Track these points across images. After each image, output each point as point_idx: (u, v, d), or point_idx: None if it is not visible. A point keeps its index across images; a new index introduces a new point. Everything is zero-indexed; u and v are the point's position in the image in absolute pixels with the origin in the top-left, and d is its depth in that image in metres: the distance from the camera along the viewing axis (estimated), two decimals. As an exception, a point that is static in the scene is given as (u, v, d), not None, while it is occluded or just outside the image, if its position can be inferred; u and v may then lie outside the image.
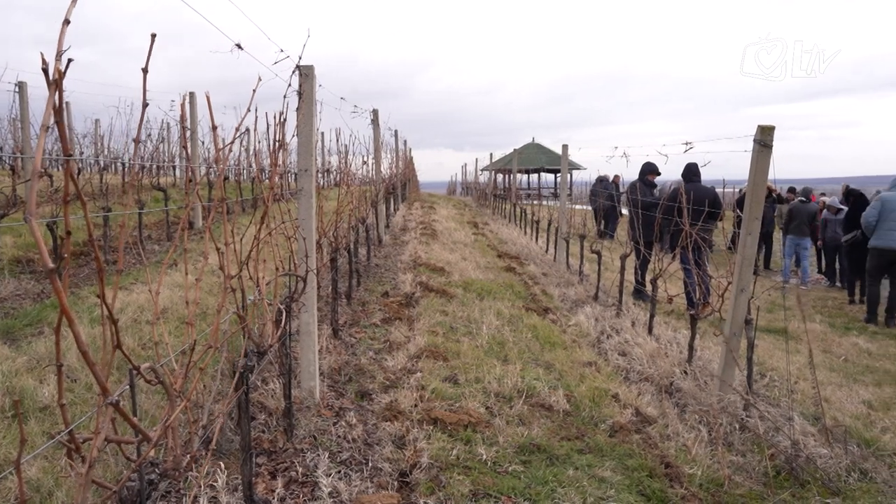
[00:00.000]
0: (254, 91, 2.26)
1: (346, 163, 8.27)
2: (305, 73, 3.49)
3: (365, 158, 9.92)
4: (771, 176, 4.65)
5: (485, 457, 3.42)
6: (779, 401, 5.10)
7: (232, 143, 2.27)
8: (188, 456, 1.75)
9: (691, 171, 8.61)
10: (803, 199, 13.39)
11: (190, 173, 8.49)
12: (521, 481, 3.25)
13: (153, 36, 1.45)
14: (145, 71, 1.46)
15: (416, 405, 3.96)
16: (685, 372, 5.28)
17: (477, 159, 29.99)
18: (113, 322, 1.24)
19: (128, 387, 1.45)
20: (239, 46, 2.37)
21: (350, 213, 6.32)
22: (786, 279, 12.92)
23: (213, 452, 2.96)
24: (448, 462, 3.32)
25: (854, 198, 11.52)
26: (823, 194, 17.82)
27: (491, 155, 29.19)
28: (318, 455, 3.18)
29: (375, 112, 10.35)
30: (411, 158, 24.90)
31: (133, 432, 1.38)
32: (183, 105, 3.23)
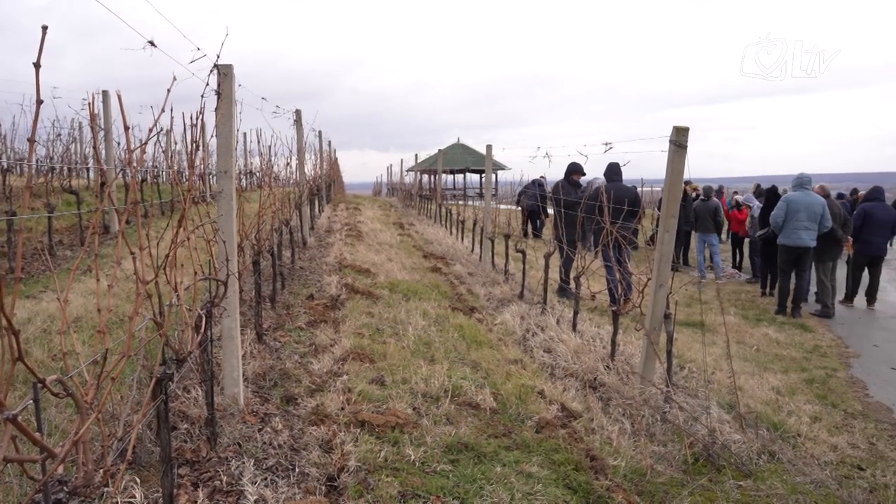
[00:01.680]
0: (168, 90, 2.18)
1: (268, 164, 8.12)
2: (224, 73, 3.40)
3: (288, 160, 9.77)
4: (686, 175, 4.83)
5: (413, 457, 3.42)
6: (697, 391, 5.30)
7: (145, 143, 2.19)
8: (101, 471, 1.67)
9: (613, 171, 8.86)
10: (704, 197, 13.99)
11: (102, 175, 8.13)
12: (450, 480, 3.26)
13: (44, 28, 1.38)
14: (37, 66, 1.39)
15: (342, 408, 3.92)
16: (608, 367, 5.42)
17: (402, 160, 29.94)
18: (13, 333, 1.16)
19: (31, 401, 1.37)
20: (152, 44, 2.28)
21: (273, 215, 6.20)
22: (701, 274, 13.45)
23: (130, 465, 2.85)
24: (376, 464, 3.30)
25: (768, 195, 12.13)
26: (736, 192, 18.64)
27: (416, 156, 29.23)
28: (244, 463, 3.10)
29: (298, 112, 10.19)
30: (336, 159, 24.66)
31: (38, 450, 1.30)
32: (91, 104, 3.09)
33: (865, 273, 11.10)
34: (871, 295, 11.04)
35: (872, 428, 5.50)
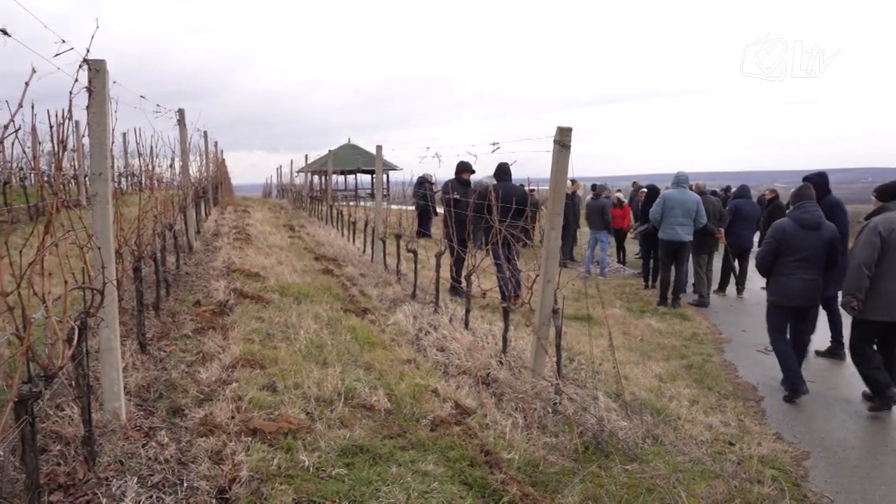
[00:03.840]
0: (26, 84, 2.02)
1: (150, 166, 7.74)
2: (95, 68, 3.22)
3: (172, 161, 9.35)
4: (571, 174, 5.00)
5: (307, 463, 3.37)
6: (586, 382, 5.51)
7: (1, 141, 2.03)
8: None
9: (502, 171, 9.05)
10: (594, 195, 14.61)
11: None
12: (345, 484, 3.24)
13: None
14: None
15: (233, 417, 3.80)
16: (501, 362, 5.53)
17: (292, 161, 29.32)
18: None
19: None
20: (4, 32, 2.11)
21: (155, 219, 5.92)
22: (587, 269, 13.97)
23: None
24: (269, 472, 3.22)
25: (649, 193, 12.82)
26: (619, 191, 19.51)
27: (307, 156, 28.72)
28: (126, 482, 2.94)
29: (181, 112, 9.78)
30: (223, 160, 23.86)
31: None
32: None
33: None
34: (741, 284, 11.96)
35: (741, 406, 5.93)
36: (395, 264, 9.87)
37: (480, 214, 7.46)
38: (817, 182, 7.25)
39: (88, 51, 2.99)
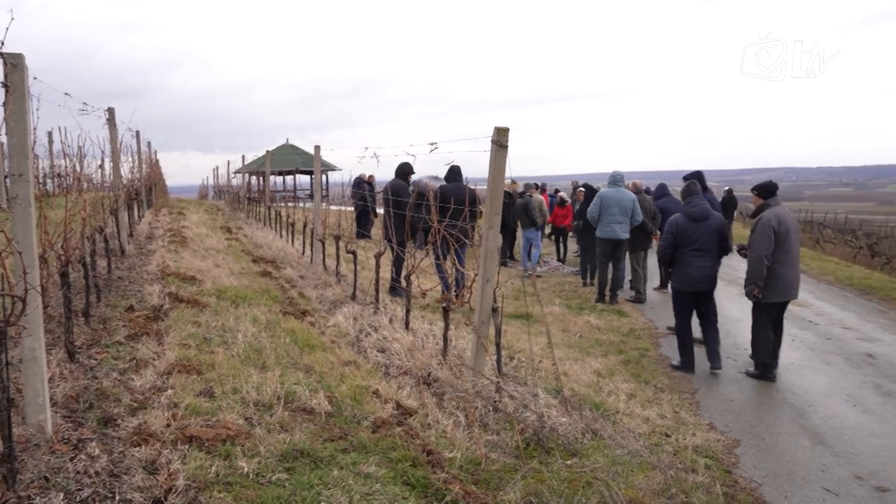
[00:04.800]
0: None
1: (78, 166, 7.45)
2: (13, 63, 3.08)
3: (101, 162, 9.03)
4: (509, 173, 5.04)
5: (246, 469, 3.30)
6: (526, 379, 5.57)
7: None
8: None
9: (454, 173, 9.22)
10: (519, 195, 14.77)
11: None
12: (286, 489, 3.19)
13: None
14: None
15: (168, 425, 3.70)
16: (441, 362, 5.54)
17: (229, 161, 28.69)
18: None
19: None
20: None
21: (84, 222, 5.71)
22: (524, 268, 14.13)
23: None
24: (207, 481, 3.15)
25: (587, 192, 13.05)
26: (558, 190, 19.78)
27: (243, 157, 28.16)
28: (51, 499, 2.82)
29: (111, 111, 9.45)
30: (157, 161, 23.19)
31: None
32: None
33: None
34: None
35: (676, 399, 6.10)
36: (334, 266, 9.78)
37: (419, 214, 7.48)
38: (697, 180, 8.08)
39: (3, 43, 2.86)
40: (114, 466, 3.21)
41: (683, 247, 7.11)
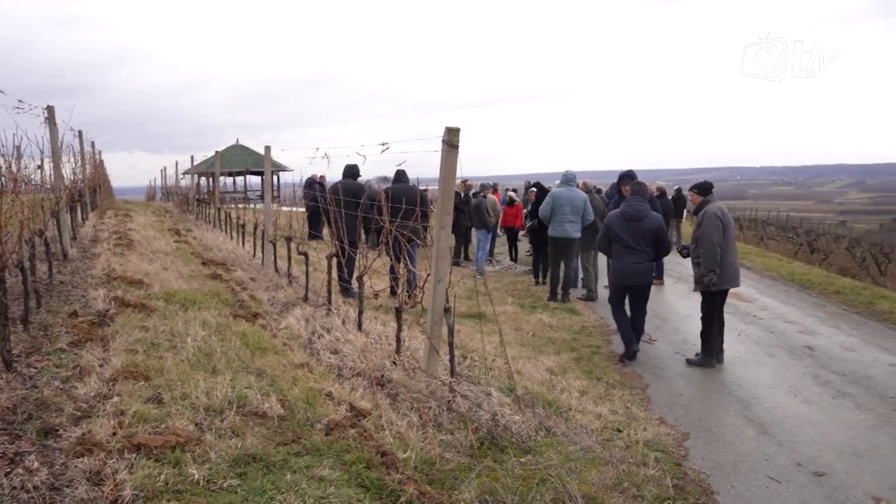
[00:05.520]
0: None
1: (14, 167, 7.17)
2: (-56, 64, 2.95)
3: (41, 162, 8.72)
4: (459, 174, 5.06)
5: (197, 476, 3.23)
6: (479, 379, 5.59)
7: None
8: None
9: (400, 176, 9.25)
10: (478, 195, 14.86)
11: None
12: (238, 495, 3.14)
13: None
14: None
15: (114, 433, 3.59)
16: (395, 363, 5.53)
17: (177, 162, 28.09)
18: None
19: None
20: None
21: (22, 225, 5.51)
22: (478, 268, 14.19)
23: None
24: (156, 489, 3.07)
25: (538, 191, 13.17)
26: (514, 189, 19.91)
27: (192, 157, 27.58)
28: (-16, 517, 2.72)
29: (50, 109, 9.15)
30: (102, 162, 22.57)
31: None
32: None
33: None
34: None
35: (628, 394, 6.21)
36: (286, 267, 9.67)
37: (370, 215, 7.49)
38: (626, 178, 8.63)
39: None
40: (55, 479, 3.10)
41: (616, 242, 7.50)
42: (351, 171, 9.79)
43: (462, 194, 14.86)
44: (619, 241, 7.44)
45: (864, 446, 5.17)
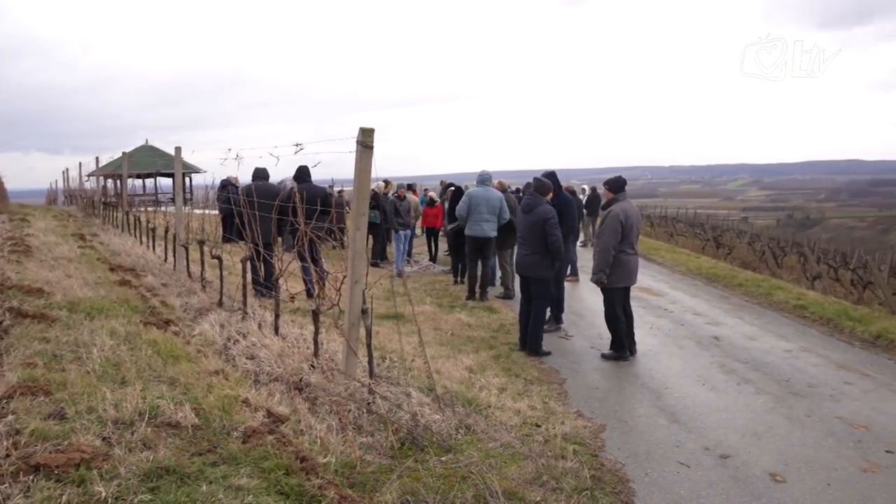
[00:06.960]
0: None
1: None
2: None
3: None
4: (375, 174, 5.03)
5: (104, 494, 3.08)
6: (398, 379, 5.58)
7: None
8: None
9: (303, 173, 9.08)
10: (394, 195, 14.85)
11: None
12: (149, 511, 3.02)
13: None
14: None
15: (8, 455, 3.37)
16: (313, 366, 5.45)
17: (81, 164, 26.68)
18: None
19: None
20: None
21: None
22: (397, 268, 14.17)
23: None
24: (57, 510, 2.91)
25: (455, 192, 13.23)
26: (427, 189, 19.95)
27: (97, 159, 26.28)
28: None
29: (-67, 109, 8.57)
30: (-7, 164, 21.24)
31: None
32: None
33: None
34: None
35: (546, 390, 6.34)
36: (199, 272, 9.38)
37: (284, 216, 7.38)
38: (548, 179, 8.73)
39: None
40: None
41: (517, 235, 8.10)
42: (261, 174, 9.69)
43: (389, 195, 14.80)
44: (519, 233, 7.98)
45: (762, 428, 5.51)
